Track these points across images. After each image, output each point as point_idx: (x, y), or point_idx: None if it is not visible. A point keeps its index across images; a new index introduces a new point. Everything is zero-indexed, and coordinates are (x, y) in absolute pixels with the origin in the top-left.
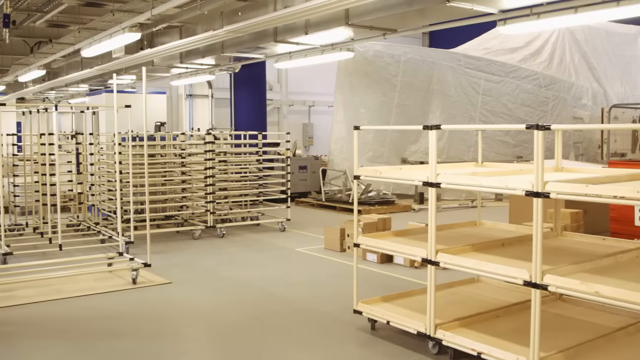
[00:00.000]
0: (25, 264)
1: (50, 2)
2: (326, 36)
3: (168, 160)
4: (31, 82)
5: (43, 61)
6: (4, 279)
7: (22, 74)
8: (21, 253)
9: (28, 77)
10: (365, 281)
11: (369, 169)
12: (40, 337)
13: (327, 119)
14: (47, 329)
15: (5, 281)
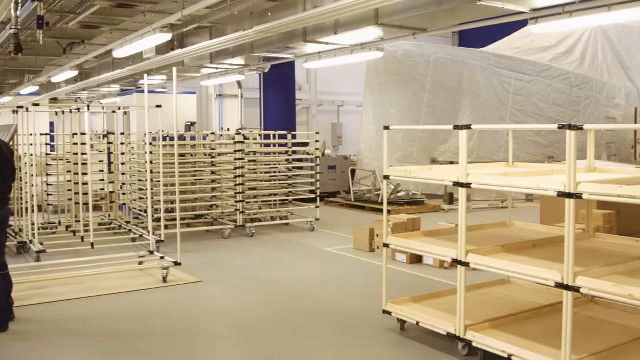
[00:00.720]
0: (58, 261)
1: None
2: (356, 36)
3: (198, 160)
4: (64, 82)
5: (75, 62)
6: (38, 276)
7: (55, 75)
8: (54, 251)
9: (61, 78)
10: (395, 281)
11: (398, 169)
12: (72, 335)
13: (356, 119)
14: (79, 327)
15: (39, 278)
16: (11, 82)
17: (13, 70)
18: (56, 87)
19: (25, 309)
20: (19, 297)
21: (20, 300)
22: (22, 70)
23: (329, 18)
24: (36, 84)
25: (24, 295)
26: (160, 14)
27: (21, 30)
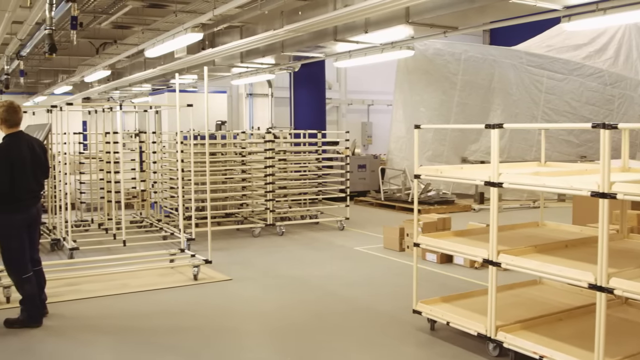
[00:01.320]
0: (91, 259)
1: (115, 4)
2: (386, 35)
3: (228, 159)
4: (96, 82)
5: (108, 62)
6: (71, 273)
7: (88, 75)
8: (87, 248)
9: (93, 78)
10: (425, 281)
11: (429, 168)
12: (104, 331)
13: (386, 118)
14: (111, 323)
15: (72, 275)
16: (45, 82)
17: (47, 70)
18: (89, 87)
19: (59, 305)
20: (53, 294)
21: (53, 297)
22: (56, 70)
23: (359, 17)
24: (69, 83)
25: (57, 291)
26: (192, 13)
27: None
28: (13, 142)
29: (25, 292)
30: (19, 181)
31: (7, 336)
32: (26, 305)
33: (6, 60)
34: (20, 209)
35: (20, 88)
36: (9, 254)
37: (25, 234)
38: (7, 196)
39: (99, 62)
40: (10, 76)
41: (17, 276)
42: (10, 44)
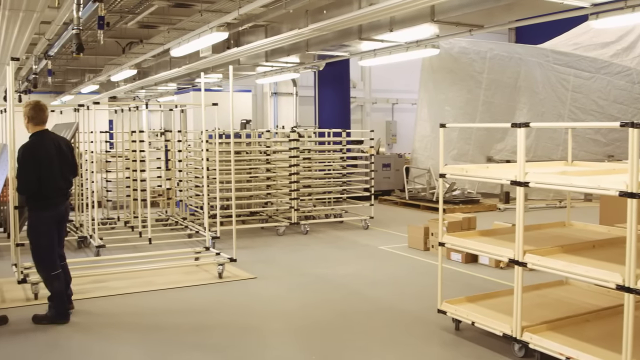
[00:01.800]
0: (117, 256)
1: (142, 4)
2: (411, 33)
3: (253, 157)
4: (122, 81)
5: (134, 61)
6: (98, 270)
7: (114, 74)
8: (113, 246)
9: (120, 77)
10: (450, 280)
11: (455, 167)
12: (130, 328)
13: (410, 117)
14: (137, 320)
15: (99, 272)
16: (72, 81)
17: (74, 70)
18: (115, 86)
19: (85, 302)
20: (79, 291)
21: (80, 294)
22: (83, 69)
23: (384, 15)
24: (96, 82)
25: (84, 288)
26: (217, 12)
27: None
28: (39, 140)
29: (54, 289)
30: (47, 179)
31: (35, 332)
32: (54, 302)
33: (34, 60)
34: (50, 207)
35: (48, 87)
36: (39, 251)
37: (54, 231)
38: (36, 194)
39: (125, 62)
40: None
41: (47, 273)
42: (39, 43)
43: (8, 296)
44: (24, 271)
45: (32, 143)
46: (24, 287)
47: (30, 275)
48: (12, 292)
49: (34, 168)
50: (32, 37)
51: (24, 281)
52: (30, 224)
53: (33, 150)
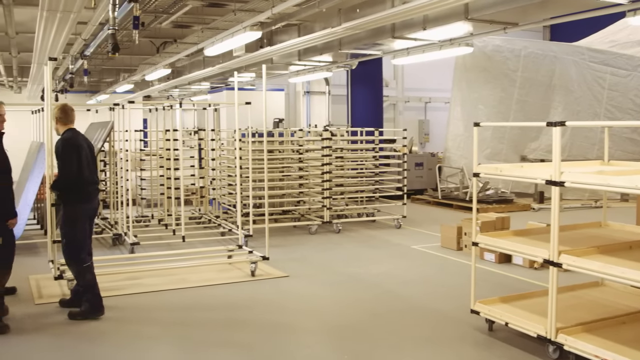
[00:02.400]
0: (151, 253)
1: (176, 4)
2: (444, 31)
3: (286, 156)
4: (157, 80)
5: (168, 60)
6: (132, 267)
7: (149, 73)
8: (147, 243)
9: (154, 76)
10: (483, 281)
11: (488, 167)
12: (164, 324)
13: (443, 116)
14: (171, 316)
15: (133, 269)
16: (107, 81)
17: (109, 69)
18: (149, 85)
19: (120, 299)
20: (114, 287)
21: (115, 290)
22: (118, 69)
23: (417, 14)
24: (131, 82)
25: (118, 285)
26: (250, 12)
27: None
28: (74, 134)
29: (87, 281)
30: (84, 170)
31: (70, 327)
32: (88, 295)
33: (71, 60)
34: (86, 200)
35: (83, 87)
36: (73, 244)
37: (87, 225)
38: (74, 186)
39: (159, 61)
40: (75, 75)
41: (79, 266)
42: (75, 44)
43: (45, 292)
44: (60, 267)
45: (70, 135)
46: (60, 283)
47: (66, 272)
48: (49, 288)
49: (76, 157)
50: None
51: (60, 277)
52: (67, 217)
53: (73, 141)
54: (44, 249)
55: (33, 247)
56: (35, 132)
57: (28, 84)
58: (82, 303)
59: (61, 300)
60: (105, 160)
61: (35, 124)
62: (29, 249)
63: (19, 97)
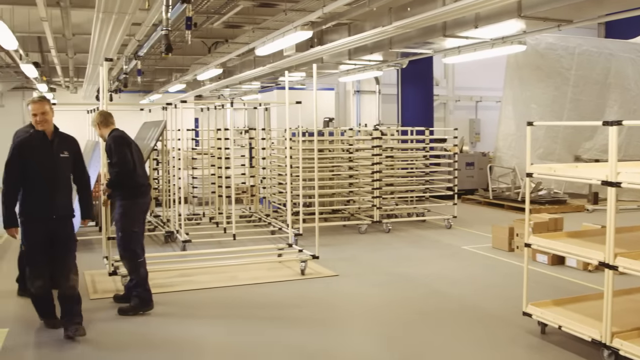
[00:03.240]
0: (203, 251)
1: (227, 4)
2: (497, 29)
3: (336, 155)
4: (208, 80)
5: (219, 60)
6: (184, 264)
7: (200, 73)
8: (198, 241)
9: (205, 76)
10: (535, 282)
11: (542, 167)
12: (215, 320)
13: (494, 115)
14: (221, 314)
15: (185, 267)
16: (160, 81)
17: (162, 69)
18: (201, 85)
19: (172, 295)
20: (167, 284)
21: (167, 287)
22: (170, 69)
23: (469, 12)
24: (183, 82)
25: (171, 281)
26: (301, 12)
27: (171, 31)
28: (122, 132)
29: (140, 276)
30: (137, 165)
31: (121, 322)
32: (138, 290)
33: (125, 61)
34: (141, 195)
35: (137, 87)
36: (129, 238)
37: (142, 220)
38: (130, 182)
39: (211, 61)
40: (129, 75)
41: (134, 260)
42: (129, 44)
43: (99, 287)
44: (115, 264)
45: (119, 133)
46: (114, 279)
47: (120, 268)
48: (103, 283)
49: (129, 152)
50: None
51: (114, 273)
52: (123, 212)
53: (123, 137)
54: (99, 245)
55: (88, 244)
56: (90, 132)
57: (84, 84)
58: (132, 298)
59: (115, 296)
60: (157, 159)
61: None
62: (84, 245)
63: (74, 97)
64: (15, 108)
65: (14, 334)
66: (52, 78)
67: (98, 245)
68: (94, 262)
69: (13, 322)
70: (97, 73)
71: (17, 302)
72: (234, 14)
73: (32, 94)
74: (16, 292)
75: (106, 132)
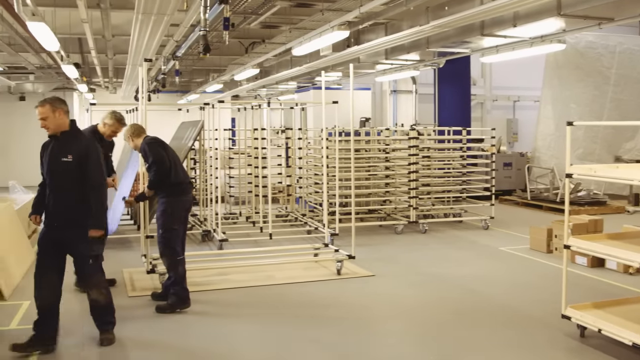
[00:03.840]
0: (239, 250)
1: (265, 5)
2: (536, 28)
3: (372, 155)
4: (245, 80)
5: (256, 60)
6: (220, 263)
7: (237, 73)
8: (235, 240)
9: (242, 76)
10: (574, 285)
11: (582, 167)
12: (251, 319)
13: (532, 115)
14: (257, 312)
15: (222, 265)
16: (197, 81)
17: (199, 70)
18: (238, 85)
19: (209, 293)
20: (204, 282)
21: (204, 285)
22: (208, 69)
23: (507, 10)
24: (220, 82)
25: (208, 280)
26: (338, 11)
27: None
28: (154, 136)
29: (178, 274)
30: (175, 165)
31: (159, 319)
32: (176, 288)
33: (163, 61)
34: (183, 193)
35: (174, 87)
36: (170, 236)
37: (183, 218)
38: (171, 181)
39: (248, 61)
40: (167, 76)
41: (173, 258)
42: (167, 45)
43: (138, 285)
44: (153, 262)
45: (152, 138)
46: (152, 277)
47: (158, 266)
48: (141, 281)
49: (165, 153)
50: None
51: (152, 271)
52: (164, 210)
53: (155, 140)
54: (137, 243)
55: (126, 242)
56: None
57: (123, 84)
58: (170, 296)
59: (153, 294)
60: (195, 158)
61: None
62: (123, 243)
63: (114, 97)
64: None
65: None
66: (91, 78)
67: (136, 244)
68: (132, 260)
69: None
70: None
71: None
72: (271, 14)
73: (72, 94)
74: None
75: (139, 141)
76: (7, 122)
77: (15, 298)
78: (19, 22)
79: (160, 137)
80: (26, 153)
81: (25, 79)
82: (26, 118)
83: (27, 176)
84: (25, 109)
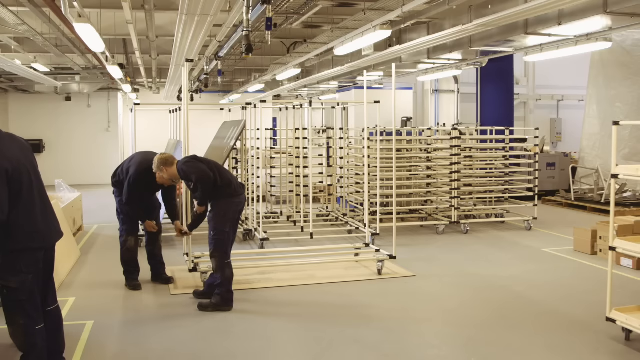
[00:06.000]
0: (280, 249)
1: (307, 5)
2: (581, 26)
3: (414, 155)
4: (286, 80)
5: (298, 60)
6: (262, 262)
7: (279, 73)
8: (276, 239)
9: (284, 76)
10: (619, 287)
11: (629, 168)
12: (292, 318)
13: (576, 114)
14: (299, 311)
15: (263, 264)
16: (239, 81)
17: (241, 70)
18: (279, 85)
19: (251, 292)
20: (245, 281)
21: (246, 284)
22: (250, 69)
23: (552, 8)
24: (262, 82)
25: (249, 279)
26: (380, 11)
27: (251, 32)
28: (186, 156)
29: (225, 276)
30: (220, 172)
31: (201, 317)
32: (222, 289)
33: (206, 61)
34: (235, 192)
35: (217, 87)
36: (220, 237)
37: (235, 219)
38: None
39: (289, 61)
40: (209, 76)
41: (222, 260)
42: (210, 45)
43: (180, 283)
44: (195, 260)
45: (184, 158)
46: (194, 275)
47: (200, 265)
48: (184, 279)
49: (205, 166)
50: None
51: (194, 270)
52: (218, 212)
53: (192, 158)
54: (180, 242)
55: (169, 240)
56: (172, 130)
57: (166, 84)
58: (214, 296)
59: (195, 292)
60: (237, 158)
61: (172, 123)
62: (165, 242)
63: (157, 97)
64: (101, 108)
65: (99, 327)
66: (135, 79)
67: (179, 242)
68: (175, 259)
69: (98, 315)
70: (179, 74)
71: (100, 294)
72: (313, 14)
73: (117, 94)
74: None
75: (173, 169)
76: (53, 122)
77: (61, 295)
78: (65, 23)
79: (202, 137)
80: (72, 152)
81: (71, 79)
82: (72, 118)
83: (73, 175)
84: (71, 109)
